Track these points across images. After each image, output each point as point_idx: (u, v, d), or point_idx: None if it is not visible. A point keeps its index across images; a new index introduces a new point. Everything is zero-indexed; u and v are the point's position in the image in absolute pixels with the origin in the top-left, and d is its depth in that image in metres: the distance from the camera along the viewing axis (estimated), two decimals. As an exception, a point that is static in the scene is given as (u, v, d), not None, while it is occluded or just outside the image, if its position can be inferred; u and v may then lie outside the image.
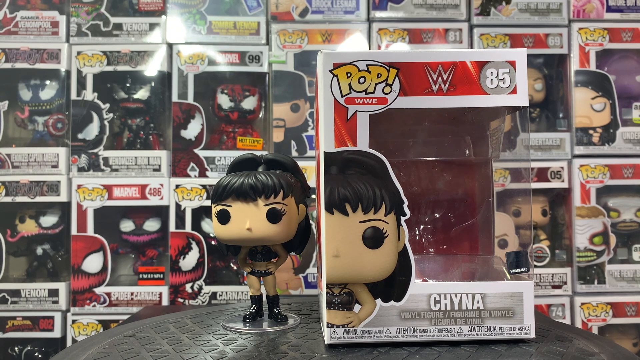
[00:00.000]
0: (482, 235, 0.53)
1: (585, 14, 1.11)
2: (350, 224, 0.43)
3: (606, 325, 1.07)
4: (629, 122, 1.12)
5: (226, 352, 0.45)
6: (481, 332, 0.45)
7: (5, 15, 1.11)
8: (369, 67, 0.44)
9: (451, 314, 0.44)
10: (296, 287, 1.07)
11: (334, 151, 0.44)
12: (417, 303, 0.44)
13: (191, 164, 1.09)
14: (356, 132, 0.43)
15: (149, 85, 1.13)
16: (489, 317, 0.45)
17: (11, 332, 1.06)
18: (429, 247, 0.53)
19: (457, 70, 0.44)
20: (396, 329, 0.44)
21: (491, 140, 0.51)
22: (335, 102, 0.44)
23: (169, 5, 1.11)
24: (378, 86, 0.44)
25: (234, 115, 1.12)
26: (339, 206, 0.43)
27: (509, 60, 0.44)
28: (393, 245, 0.44)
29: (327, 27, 1.11)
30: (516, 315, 0.45)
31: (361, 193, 0.43)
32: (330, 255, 0.43)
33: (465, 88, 0.44)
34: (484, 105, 0.44)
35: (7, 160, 1.08)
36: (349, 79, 0.44)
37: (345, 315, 0.45)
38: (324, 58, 0.44)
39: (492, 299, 0.44)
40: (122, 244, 1.11)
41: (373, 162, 0.43)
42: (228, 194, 0.50)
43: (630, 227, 1.11)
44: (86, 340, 0.51)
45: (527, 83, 0.45)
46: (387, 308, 0.44)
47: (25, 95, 1.13)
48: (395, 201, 0.44)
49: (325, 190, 0.43)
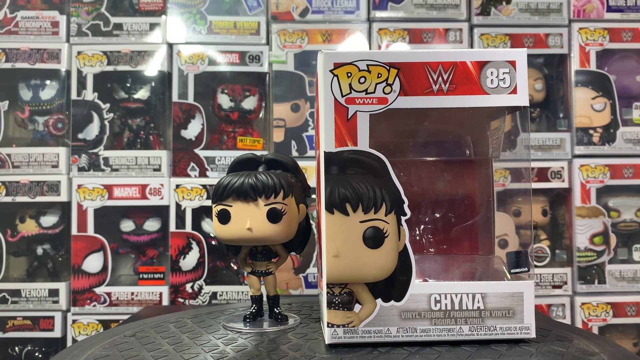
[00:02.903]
0: (482, 235, 0.53)
1: (585, 14, 1.11)
2: (350, 223, 0.43)
3: (606, 325, 1.07)
4: (629, 122, 1.12)
5: (226, 352, 0.45)
6: (481, 332, 0.45)
7: (6, 15, 1.11)
8: (369, 67, 0.44)
9: (451, 314, 0.44)
10: (296, 287, 1.07)
11: (335, 151, 0.44)
12: (418, 303, 0.44)
13: (191, 164, 1.09)
14: (356, 132, 0.43)
15: (149, 85, 1.13)
16: (489, 317, 0.45)
17: (11, 332, 1.06)
18: (429, 247, 0.53)
19: (457, 70, 0.44)
20: (396, 328, 0.44)
21: (491, 140, 0.51)
22: (336, 102, 0.44)
23: (169, 5, 1.11)
24: (378, 86, 0.44)
25: (234, 115, 1.12)
26: (339, 206, 0.43)
27: (509, 60, 0.45)
28: (393, 245, 0.44)
29: (327, 27, 1.11)
30: (516, 315, 0.45)
31: (361, 193, 0.43)
32: (330, 255, 0.43)
33: (465, 88, 0.44)
34: (484, 105, 0.44)
35: (7, 160, 1.08)
36: (350, 79, 0.44)
37: (346, 315, 0.45)
38: (325, 58, 0.44)
39: (493, 299, 0.44)
40: (122, 244, 1.11)
41: (373, 162, 0.43)
42: (228, 194, 0.50)
43: (630, 227, 1.11)
44: (86, 340, 0.51)
45: (527, 83, 0.45)
46: (388, 308, 0.44)
47: (26, 95, 1.13)
48: (396, 201, 0.44)
49: (325, 190, 0.43)
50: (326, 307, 0.45)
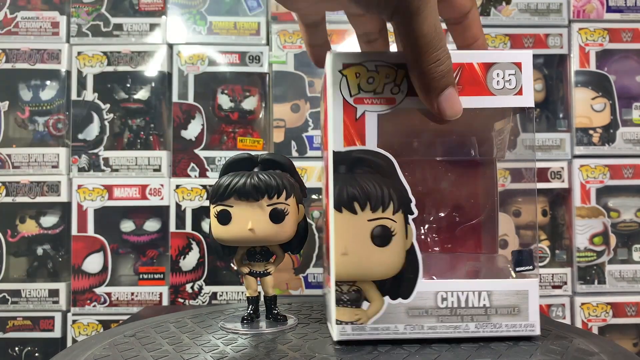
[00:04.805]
0: (486, 234, 0.53)
1: (585, 14, 1.11)
2: (358, 222, 0.43)
3: (606, 325, 1.07)
4: (629, 122, 1.12)
5: (226, 352, 0.45)
6: (487, 329, 0.45)
7: (6, 15, 1.11)
8: (377, 68, 0.44)
9: (458, 311, 0.45)
10: (296, 287, 1.07)
11: (343, 150, 0.44)
12: (425, 300, 0.45)
13: (191, 164, 1.09)
14: (365, 132, 0.44)
15: (149, 86, 1.13)
16: (495, 314, 0.45)
17: (11, 332, 1.06)
18: (434, 246, 0.53)
19: (464, 71, 0.44)
20: (404, 326, 0.45)
21: (496, 140, 0.51)
22: (345, 102, 0.44)
23: (169, 6, 1.11)
24: (386, 86, 0.44)
25: (234, 115, 1.12)
26: (347, 205, 0.43)
27: (515, 61, 0.45)
28: (401, 243, 0.44)
29: (327, 28, 1.10)
30: (522, 312, 0.45)
31: (369, 192, 0.43)
32: (338, 253, 0.44)
33: (472, 89, 0.44)
34: (491, 106, 0.45)
35: (7, 161, 1.08)
36: (358, 79, 0.44)
37: (354, 312, 0.45)
38: (334, 58, 0.44)
39: (498, 297, 0.45)
40: (122, 244, 1.11)
41: (381, 161, 0.44)
42: (230, 194, 0.49)
43: (630, 227, 1.11)
44: (86, 340, 0.51)
45: (532, 84, 0.45)
46: (395, 305, 0.44)
47: (26, 95, 1.13)
48: (403, 200, 0.44)
49: (334, 189, 0.44)
50: (334, 305, 0.45)
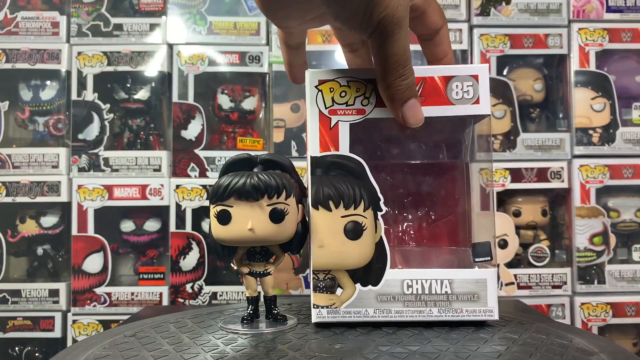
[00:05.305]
0: (460, 230, 0.58)
1: (585, 14, 1.11)
2: (333, 218, 0.50)
3: (606, 325, 1.07)
4: (628, 122, 1.12)
5: (226, 352, 0.45)
6: (449, 314, 0.50)
7: (6, 15, 1.11)
8: (349, 83, 0.50)
9: (422, 297, 0.50)
10: (296, 287, 1.07)
11: (319, 155, 0.51)
12: (392, 287, 0.50)
13: (191, 164, 1.09)
14: (338, 139, 0.50)
15: (149, 86, 1.13)
16: (456, 300, 0.50)
17: (12, 332, 1.06)
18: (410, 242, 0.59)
19: (426, 84, 0.50)
20: (373, 310, 0.50)
21: (464, 144, 0.57)
22: (320, 113, 0.50)
23: (169, 6, 1.11)
24: (357, 99, 0.50)
25: (234, 115, 1.12)
26: (323, 203, 0.50)
27: (473, 74, 0.50)
28: (371, 236, 0.50)
29: (327, 28, 1.10)
30: (481, 299, 0.50)
31: (343, 192, 0.50)
32: (316, 246, 0.50)
33: (433, 99, 0.50)
34: (451, 114, 0.50)
35: (7, 161, 1.08)
36: (332, 93, 0.50)
37: (329, 298, 0.51)
38: (311, 75, 0.51)
39: (459, 284, 0.50)
40: (122, 244, 1.11)
41: (353, 164, 0.50)
42: (230, 194, 0.49)
43: (630, 227, 1.12)
44: (86, 340, 0.51)
45: (489, 94, 0.50)
46: (366, 291, 0.50)
47: (26, 95, 1.13)
48: (373, 198, 0.50)
49: (311, 190, 0.50)
50: (312, 291, 0.51)
